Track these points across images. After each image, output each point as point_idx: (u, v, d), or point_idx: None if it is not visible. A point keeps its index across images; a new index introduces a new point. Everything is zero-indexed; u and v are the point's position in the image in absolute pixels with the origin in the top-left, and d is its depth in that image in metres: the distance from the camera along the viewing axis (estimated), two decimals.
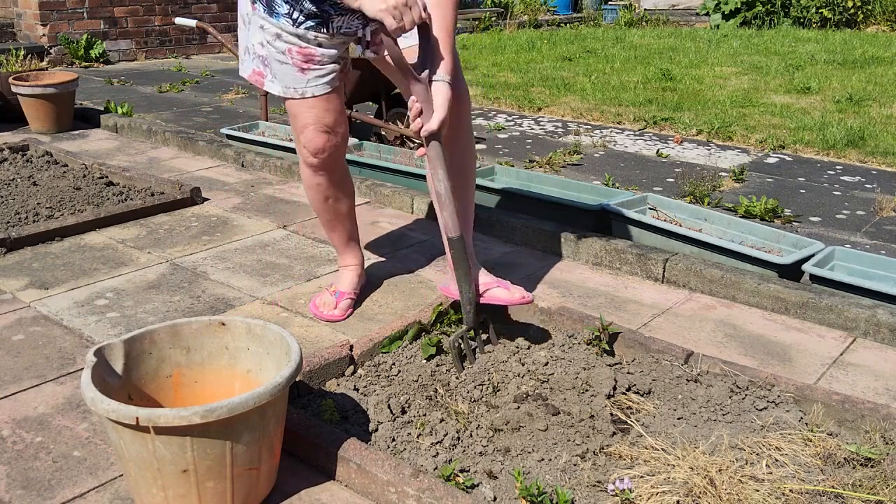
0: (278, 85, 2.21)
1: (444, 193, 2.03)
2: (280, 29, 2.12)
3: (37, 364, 2.23)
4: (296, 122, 2.28)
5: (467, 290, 2.13)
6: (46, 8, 7.51)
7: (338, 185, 2.43)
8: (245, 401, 1.48)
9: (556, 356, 2.14)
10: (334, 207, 2.48)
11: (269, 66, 2.20)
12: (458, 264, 2.11)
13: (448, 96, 1.96)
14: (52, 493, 1.70)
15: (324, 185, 2.40)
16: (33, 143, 4.50)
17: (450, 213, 2.05)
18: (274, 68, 2.19)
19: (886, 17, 10.53)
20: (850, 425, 1.88)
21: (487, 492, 1.66)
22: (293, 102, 2.24)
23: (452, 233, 2.07)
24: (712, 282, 2.72)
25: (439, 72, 1.96)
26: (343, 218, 2.52)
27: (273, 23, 2.11)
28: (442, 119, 1.95)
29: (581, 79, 6.88)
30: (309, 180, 2.41)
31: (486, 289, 2.25)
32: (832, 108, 5.61)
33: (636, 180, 4.09)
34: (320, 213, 2.50)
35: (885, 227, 3.43)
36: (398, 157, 4.03)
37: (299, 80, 2.18)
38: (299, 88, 2.19)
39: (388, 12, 1.86)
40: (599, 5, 13.46)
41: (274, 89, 2.22)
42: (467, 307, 2.15)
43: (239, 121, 5.37)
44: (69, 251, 3.05)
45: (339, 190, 2.45)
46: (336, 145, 2.32)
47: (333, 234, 2.55)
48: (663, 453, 1.75)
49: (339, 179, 2.43)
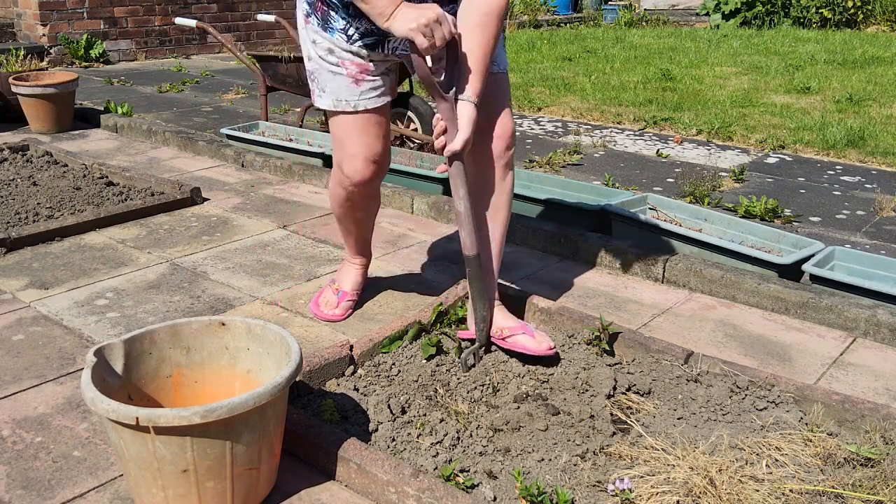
0: (328, 98, 2.15)
1: (464, 212, 2.00)
2: (333, 44, 2.09)
3: (37, 364, 2.23)
4: (343, 149, 2.20)
5: (481, 309, 2.11)
6: (46, 8, 7.51)
7: (368, 207, 2.39)
8: (245, 401, 1.48)
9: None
10: (357, 223, 2.44)
11: (317, 80, 2.15)
12: (472, 282, 2.09)
13: (473, 117, 1.91)
14: (52, 493, 1.70)
15: (356, 199, 2.33)
16: (33, 143, 4.50)
17: (468, 232, 2.02)
18: (324, 80, 2.14)
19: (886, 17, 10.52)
20: (850, 425, 1.88)
21: (487, 492, 1.66)
22: (342, 123, 2.16)
23: (469, 251, 2.04)
24: (712, 282, 2.72)
25: (467, 92, 1.91)
26: (364, 231, 2.49)
27: (327, 38, 2.08)
28: (465, 139, 1.90)
29: (581, 79, 6.89)
30: (340, 201, 2.35)
31: (512, 334, 2.13)
32: (832, 108, 5.61)
33: (636, 180, 4.09)
34: (343, 226, 2.46)
35: (885, 227, 3.43)
36: (398, 157, 4.03)
37: (353, 92, 2.12)
38: (352, 101, 2.13)
39: (418, 31, 1.82)
40: (599, 5, 13.46)
41: (323, 104, 2.16)
42: (481, 325, 2.13)
43: (239, 121, 5.37)
44: (69, 251, 3.05)
45: (367, 211, 2.41)
46: (379, 174, 2.26)
47: (349, 240, 2.52)
48: (663, 453, 1.75)
49: (371, 202, 2.39)
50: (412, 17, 1.83)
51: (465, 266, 2.09)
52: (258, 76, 4.66)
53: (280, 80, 4.56)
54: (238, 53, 4.65)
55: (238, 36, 8.75)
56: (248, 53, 4.73)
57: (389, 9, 1.87)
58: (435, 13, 1.82)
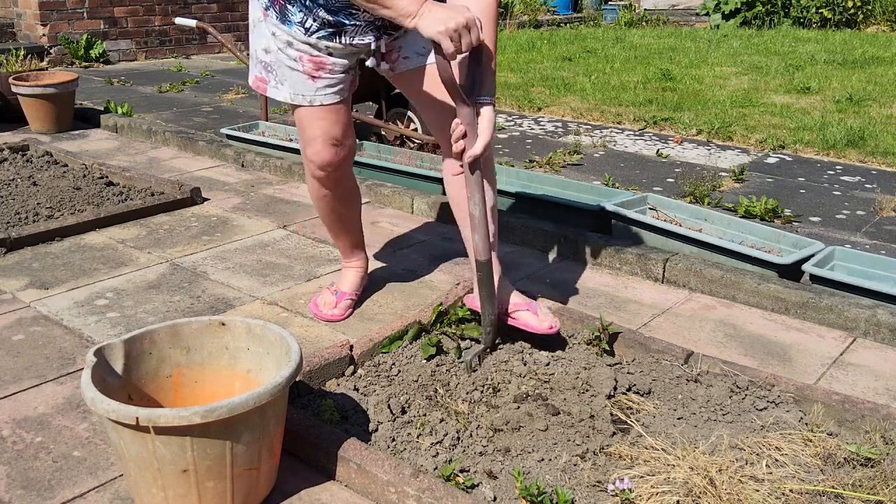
0: (286, 91, 2.17)
1: (479, 217, 2.01)
2: (292, 37, 2.09)
3: (37, 364, 2.23)
4: (303, 133, 2.24)
5: (490, 313, 2.13)
6: (46, 8, 7.51)
7: (345, 197, 2.41)
8: (245, 401, 1.48)
9: (556, 356, 2.14)
10: (341, 218, 2.46)
11: (275, 72, 2.17)
12: (483, 286, 2.11)
13: (493, 119, 1.93)
14: (52, 493, 1.70)
15: (330, 197, 2.37)
16: (33, 143, 4.50)
17: (481, 237, 2.03)
18: (282, 74, 2.16)
19: (886, 17, 10.52)
20: (850, 425, 1.88)
21: (487, 492, 1.66)
22: (302, 112, 2.20)
23: (482, 256, 2.05)
24: (712, 282, 2.72)
25: (484, 94, 1.92)
26: (349, 227, 2.50)
27: (285, 30, 2.09)
28: (486, 143, 1.91)
29: (581, 79, 6.88)
30: (315, 192, 2.38)
31: (516, 310, 2.18)
32: (832, 108, 5.61)
33: (636, 180, 4.09)
34: (327, 223, 2.48)
35: (885, 227, 3.43)
36: (398, 157, 4.03)
37: (309, 88, 2.15)
38: (307, 96, 2.16)
39: (445, 34, 1.78)
40: (599, 5, 13.46)
41: (280, 95, 2.18)
42: (488, 328, 2.15)
43: (239, 121, 5.37)
44: (69, 251, 3.05)
45: (345, 203, 2.42)
46: (343, 158, 2.29)
47: (339, 241, 2.54)
48: (663, 453, 1.75)
49: (346, 192, 2.40)
50: (442, 18, 1.78)
51: (476, 270, 2.10)
52: None
53: None
54: (238, 53, 4.65)
55: (238, 36, 8.75)
56: (247, 53, 4.72)
57: (414, 6, 1.82)
58: (465, 18, 1.78)
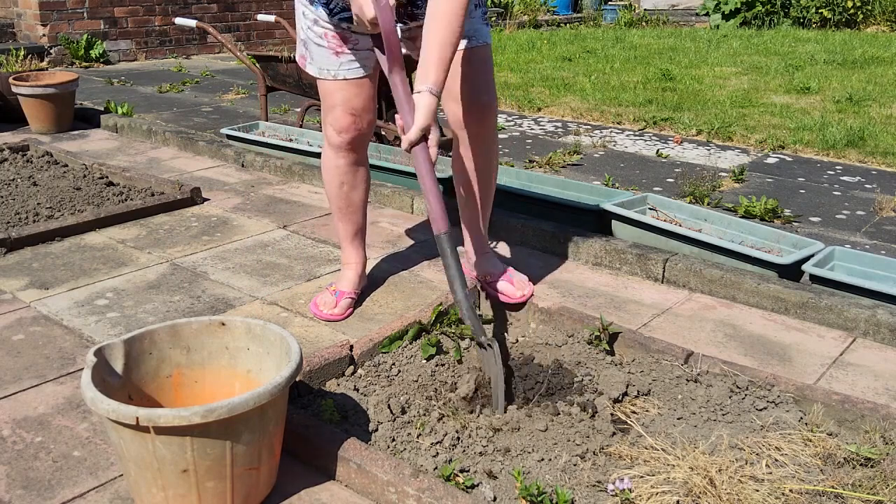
0: (314, 67, 2.33)
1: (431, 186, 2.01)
2: (318, 17, 2.25)
3: (37, 364, 2.23)
4: (325, 102, 2.37)
5: (464, 299, 2.03)
6: (46, 8, 7.51)
7: (355, 172, 2.49)
8: (245, 401, 1.48)
9: (556, 356, 2.14)
10: (348, 195, 2.51)
11: (309, 49, 2.33)
12: (445, 265, 2.04)
13: (431, 107, 1.97)
14: (52, 493, 1.70)
15: (342, 168, 2.45)
16: (33, 143, 4.50)
17: (433, 209, 2.02)
18: (312, 51, 2.32)
19: (886, 18, 10.52)
20: (850, 425, 1.88)
21: (487, 492, 1.66)
22: (325, 83, 2.34)
23: (436, 230, 2.04)
24: (712, 282, 2.72)
25: (427, 82, 1.98)
26: (354, 209, 2.54)
27: (312, 10, 2.25)
28: (422, 128, 1.96)
29: (581, 79, 6.88)
30: (328, 161, 2.47)
31: (493, 279, 2.30)
32: (832, 108, 5.61)
33: (636, 180, 4.09)
34: (333, 199, 2.53)
35: (884, 227, 3.43)
36: (398, 156, 4.03)
37: (333, 63, 2.30)
38: (332, 70, 2.30)
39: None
40: (599, 5, 13.46)
41: (311, 70, 2.34)
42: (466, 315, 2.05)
43: (239, 121, 5.38)
44: (69, 251, 3.05)
45: (355, 177, 2.49)
46: (361, 130, 2.39)
47: (341, 225, 2.56)
48: (663, 453, 1.75)
49: (357, 166, 2.48)
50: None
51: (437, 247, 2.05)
52: (258, 76, 4.66)
53: (280, 80, 4.56)
54: (238, 53, 4.65)
55: (238, 36, 8.75)
56: (247, 53, 4.74)
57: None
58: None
